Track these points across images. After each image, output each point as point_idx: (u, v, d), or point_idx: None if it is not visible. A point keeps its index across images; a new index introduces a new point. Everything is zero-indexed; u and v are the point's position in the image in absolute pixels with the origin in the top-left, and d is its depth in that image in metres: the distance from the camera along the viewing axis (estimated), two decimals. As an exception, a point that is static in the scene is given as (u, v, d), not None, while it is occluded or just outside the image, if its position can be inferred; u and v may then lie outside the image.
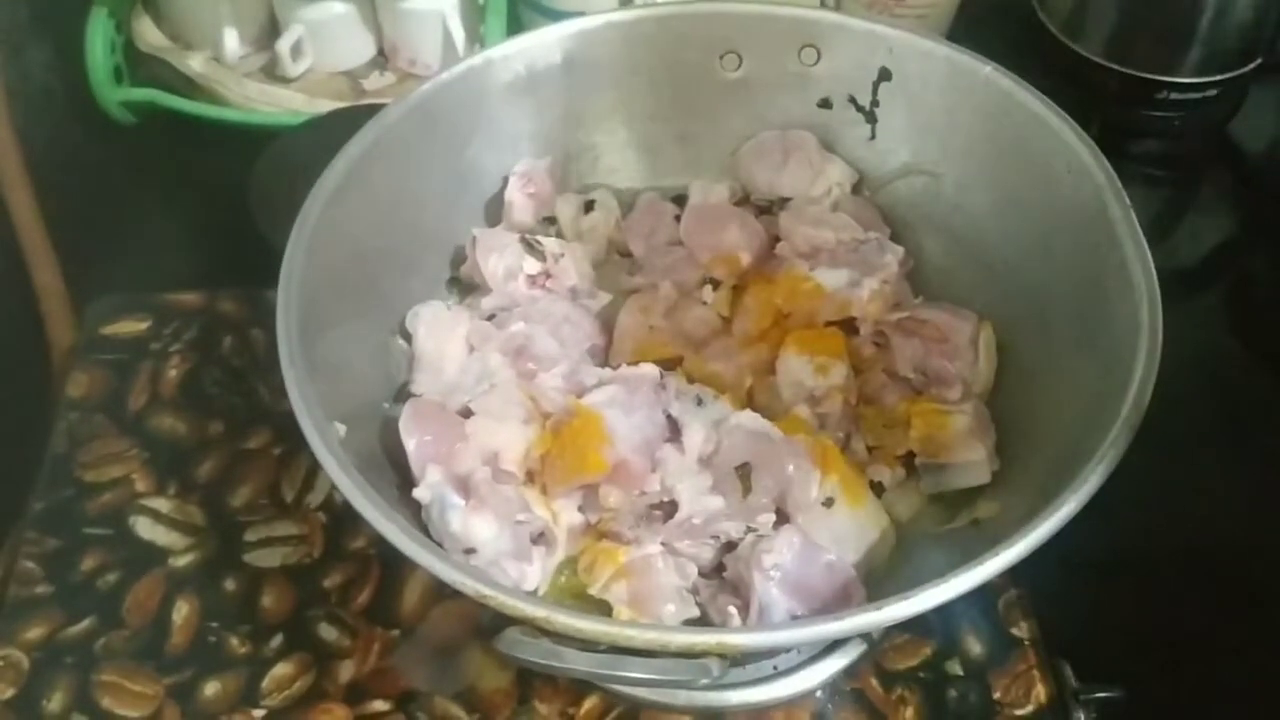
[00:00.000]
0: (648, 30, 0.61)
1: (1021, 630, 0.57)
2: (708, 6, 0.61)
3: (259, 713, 0.54)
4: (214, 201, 0.73)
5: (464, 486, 0.49)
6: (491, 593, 0.40)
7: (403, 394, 0.55)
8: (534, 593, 0.49)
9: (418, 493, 0.49)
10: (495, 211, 0.62)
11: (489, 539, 0.48)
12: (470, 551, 0.48)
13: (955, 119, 0.59)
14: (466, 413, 0.53)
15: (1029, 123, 0.56)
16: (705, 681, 0.39)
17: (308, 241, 0.50)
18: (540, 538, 0.50)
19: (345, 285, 0.51)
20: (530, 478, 0.52)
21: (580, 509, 0.51)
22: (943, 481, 0.54)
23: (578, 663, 0.40)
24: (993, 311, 0.58)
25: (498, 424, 0.52)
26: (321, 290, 0.49)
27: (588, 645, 0.40)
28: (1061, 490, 0.42)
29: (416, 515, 0.49)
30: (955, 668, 0.56)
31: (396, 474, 0.51)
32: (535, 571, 0.49)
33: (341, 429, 0.46)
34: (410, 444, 0.50)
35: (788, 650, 0.52)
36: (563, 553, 0.51)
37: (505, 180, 0.61)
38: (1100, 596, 0.58)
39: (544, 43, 0.60)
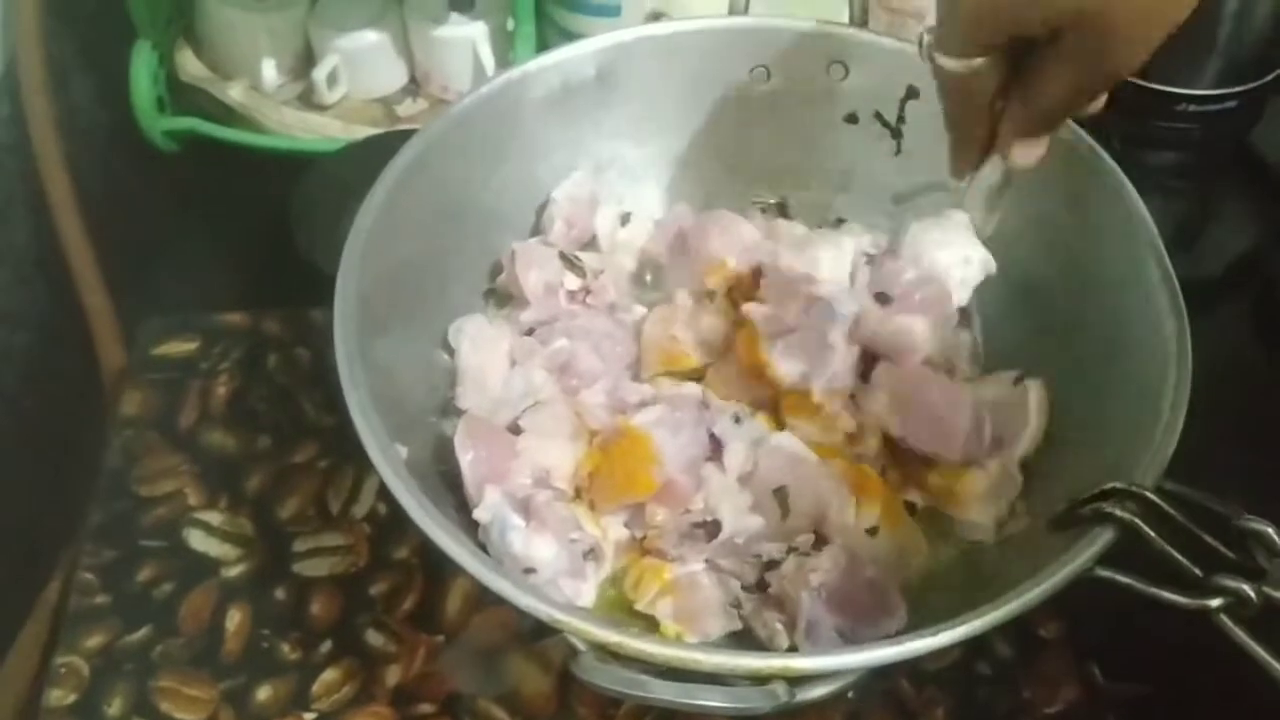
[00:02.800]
0: (680, 44, 0.62)
1: (1049, 631, 0.58)
2: (739, 21, 0.63)
3: (310, 715, 0.55)
4: (255, 225, 0.75)
5: (523, 507, 0.50)
6: (591, 629, 0.41)
7: (447, 408, 0.56)
8: (585, 609, 0.50)
9: (478, 514, 0.50)
10: (528, 222, 0.63)
11: (549, 559, 0.49)
12: (530, 571, 0.49)
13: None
14: (515, 429, 0.54)
15: (1057, 147, 0.56)
16: (770, 708, 0.41)
17: (359, 257, 0.50)
18: (590, 554, 0.51)
19: (392, 300, 0.52)
20: (577, 493, 0.53)
21: (625, 524, 0.53)
22: (950, 530, 0.55)
23: (661, 692, 0.41)
24: (1015, 325, 0.58)
25: (548, 441, 0.53)
26: (372, 305, 0.50)
27: (649, 668, 0.41)
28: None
29: (471, 530, 0.50)
30: (984, 668, 0.57)
31: (444, 486, 0.52)
32: (589, 589, 0.50)
33: (404, 451, 0.46)
34: (464, 460, 0.51)
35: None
36: (609, 567, 0.52)
37: (538, 191, 0.62)
38: (1127, 596, 0.59)
39: (579, 56, 0.61)
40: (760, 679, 0.40)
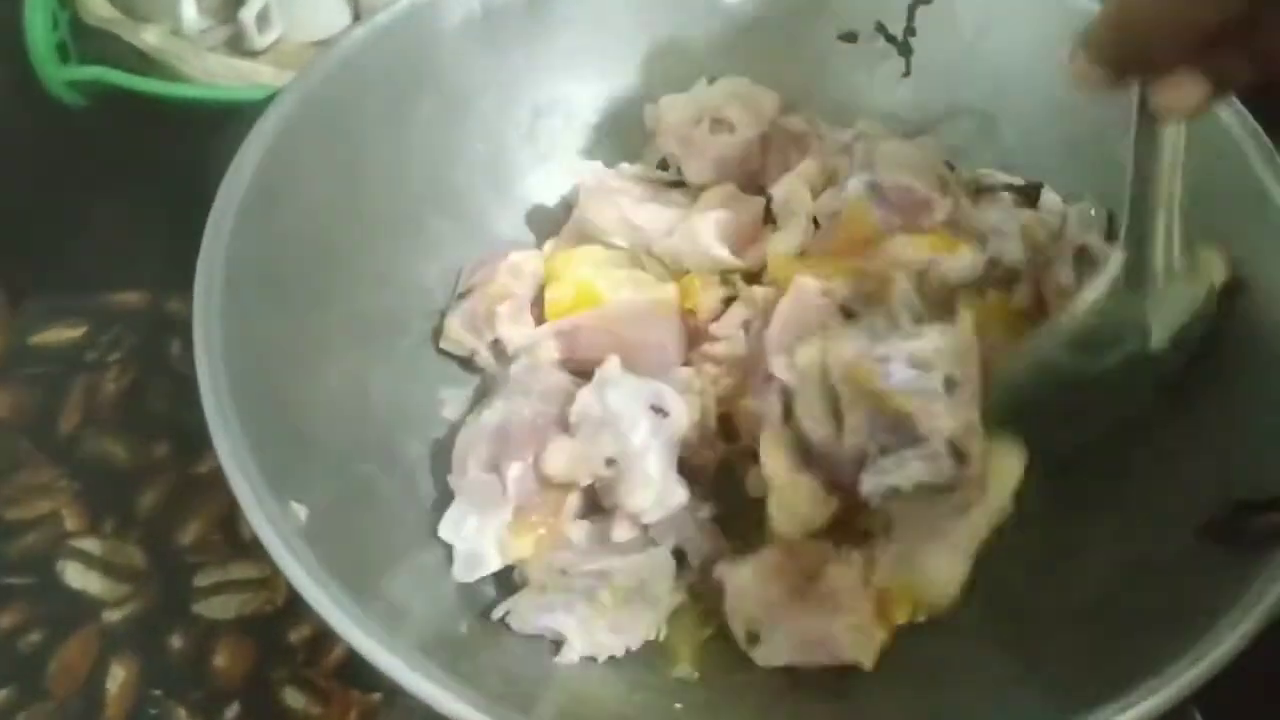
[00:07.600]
0: None
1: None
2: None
3: (208, 802, 0.49)
4: (173, 190, 0.65)
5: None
6: None
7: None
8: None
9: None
10: (453, 190, 0.57)
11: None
12: None
13: (1011, 46, 0.56)
14: None
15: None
16: None
17: (223, 261, 0.47)
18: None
19: (278, 301, 0.47)
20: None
21: None
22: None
23: None
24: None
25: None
26: (249, 309, 0.45)
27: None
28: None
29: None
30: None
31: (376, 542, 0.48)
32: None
33: (302, 511, 0.42)
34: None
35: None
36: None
37: (464, 140, 0.56)
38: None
39: None
40: None
